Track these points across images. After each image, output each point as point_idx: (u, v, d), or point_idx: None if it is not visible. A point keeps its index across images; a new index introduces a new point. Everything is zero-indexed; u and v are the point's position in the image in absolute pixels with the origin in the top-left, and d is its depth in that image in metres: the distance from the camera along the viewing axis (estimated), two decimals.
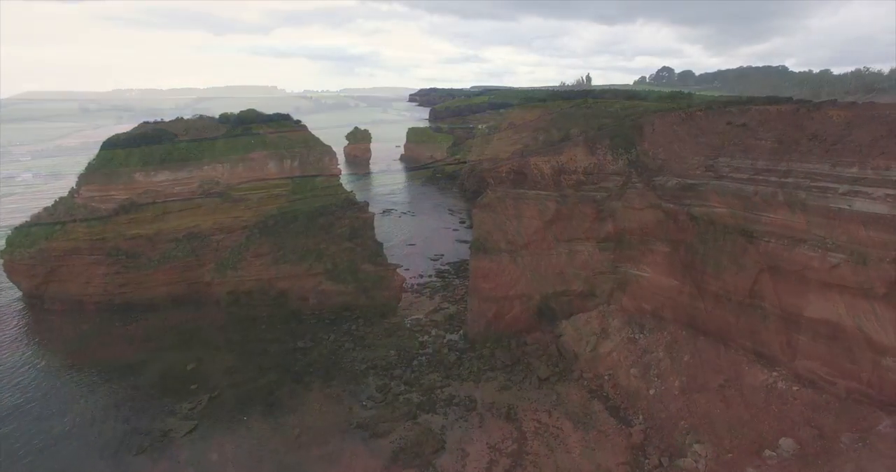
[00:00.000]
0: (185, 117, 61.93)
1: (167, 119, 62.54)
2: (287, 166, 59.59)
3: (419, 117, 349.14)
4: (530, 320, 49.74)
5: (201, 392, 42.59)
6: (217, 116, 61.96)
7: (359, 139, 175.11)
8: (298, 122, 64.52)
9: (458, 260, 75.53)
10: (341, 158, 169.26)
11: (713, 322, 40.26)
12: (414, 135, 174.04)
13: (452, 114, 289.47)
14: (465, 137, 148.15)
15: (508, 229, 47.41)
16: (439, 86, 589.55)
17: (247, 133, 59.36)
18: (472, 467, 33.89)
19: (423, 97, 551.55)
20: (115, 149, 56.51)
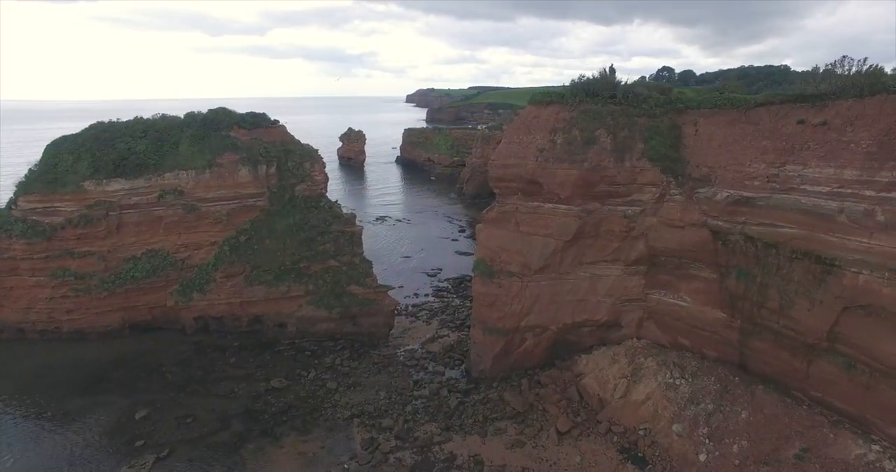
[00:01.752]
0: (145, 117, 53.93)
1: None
2: (262, 173, 51.83)
3: (417, 118, 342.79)
4: (544, 356, 42.22)
5: (147, 451, 34.81)
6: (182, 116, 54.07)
7: (353, 140, 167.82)
8: (276, 122, 56.73)
9: (457, 276, 68.04)
10: (335, 160, 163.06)
11: (774, 367, 32.79)
12: (410, 136, 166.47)
13: (450, 114, 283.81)
14: (464, 137, 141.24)
15: (520, 250, 39.85)
16: (437, 87, 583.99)
17: (215, 134, 51.56)
18: None
19: (421, 98, 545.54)
20: (61, 152, 48.71)
